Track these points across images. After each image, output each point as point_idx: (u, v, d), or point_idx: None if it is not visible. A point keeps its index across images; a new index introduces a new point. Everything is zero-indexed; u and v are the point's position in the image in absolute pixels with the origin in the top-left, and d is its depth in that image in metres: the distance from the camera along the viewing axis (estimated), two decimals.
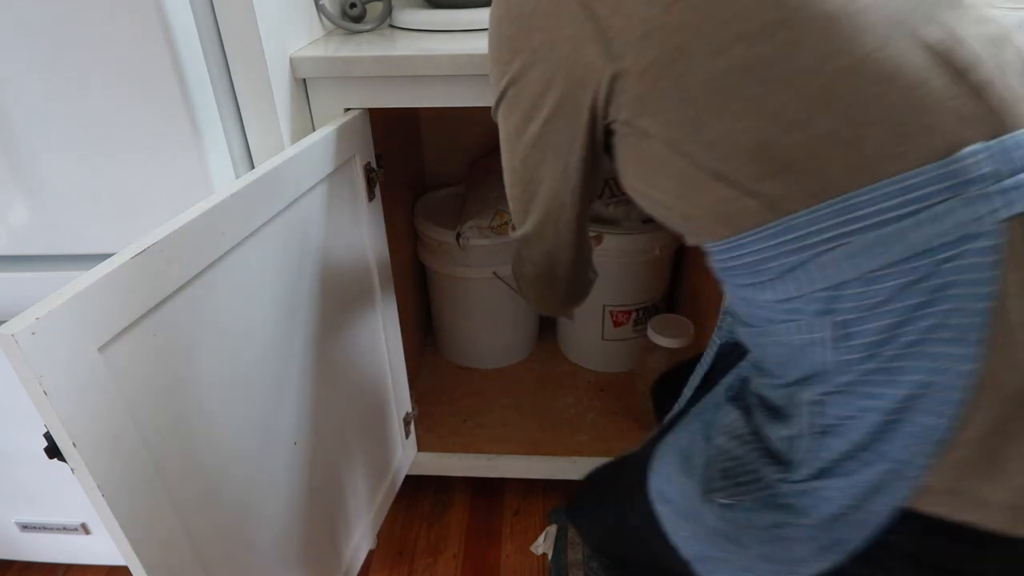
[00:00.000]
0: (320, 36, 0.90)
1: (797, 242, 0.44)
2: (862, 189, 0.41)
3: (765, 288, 0.48)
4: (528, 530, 1.20)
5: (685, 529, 0.56)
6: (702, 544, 0.55)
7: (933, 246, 0.40)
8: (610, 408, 1.30)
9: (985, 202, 0.40)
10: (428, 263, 1.32)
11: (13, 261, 0.80)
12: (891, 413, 0.43)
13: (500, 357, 1.42)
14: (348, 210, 0.84)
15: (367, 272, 0.92)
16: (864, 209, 0.41)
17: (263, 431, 0.70)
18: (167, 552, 0.56)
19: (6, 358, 0.41)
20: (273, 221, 0.66)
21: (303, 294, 0.75)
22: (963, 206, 0.40)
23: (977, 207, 0.40)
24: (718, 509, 0.52)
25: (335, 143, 0.77)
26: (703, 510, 0.53)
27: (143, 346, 0.51)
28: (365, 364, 0.95)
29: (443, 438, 1.23)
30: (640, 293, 1.31)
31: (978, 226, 0.40)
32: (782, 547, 0.49)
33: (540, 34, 0.49)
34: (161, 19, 0.64)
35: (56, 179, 0.74)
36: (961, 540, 0.43)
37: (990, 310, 0.40)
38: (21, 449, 0.92)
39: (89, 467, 0.46)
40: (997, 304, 0.40)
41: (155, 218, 0.76)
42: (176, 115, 0.69)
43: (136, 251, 0.49)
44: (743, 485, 0.51)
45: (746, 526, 0.51)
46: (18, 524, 1.03)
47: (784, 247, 0.45)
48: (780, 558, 0.50)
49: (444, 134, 1.46)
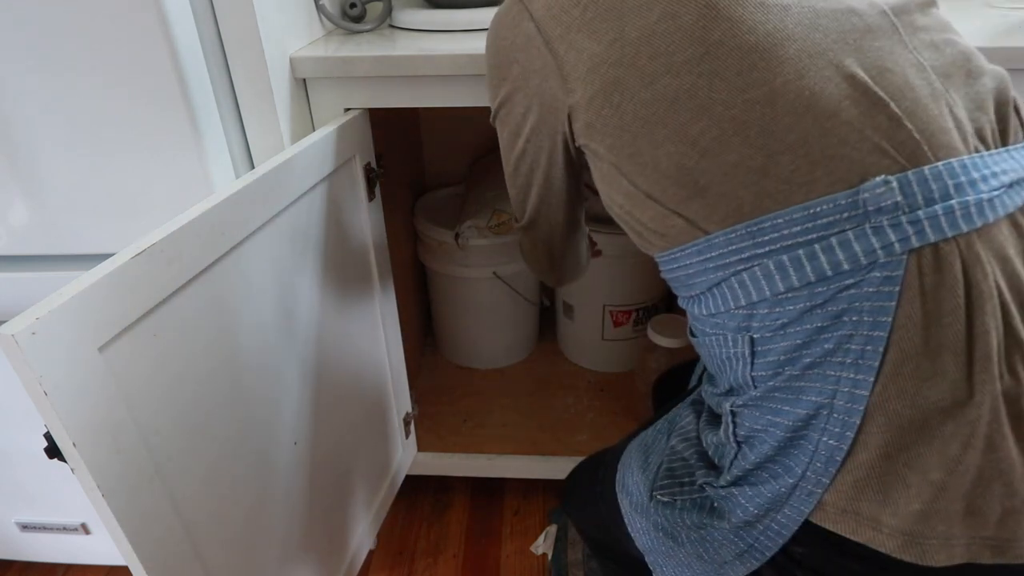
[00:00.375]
0: (320, 36, 0.90)
1: (717, 260, 0.46)
2: (772, 214, 0.43)
3: (696, 301, 0.51)
4: (528, 530, 1.20)
5: (639, 521, 0.59)
6: (650, 538, 0.58)
7: (836, 272, 0.41)
8: (610, 408, 1.30)
9: (889, 233, 0.41)
10: (428, 263, 1.32)
11: (13, 261, 0.80)
12: (792, 430, 0.45)
13: (500, 357, 1.42)
14: (348, 210, 0.84)
15: (367, 272, 0.92)
16: (773, 233, 0.43)
17: (263, 431, 0.70)
18: (167, 552, 0.56)
19: (6, 358, 0.41)
20: (273, 221, 0.66)
21: (303, 294, 0.75)
22: (867, 235, 0.41)
23: (881, 237, 0.41)
24: (658, 506, 0.56)
25: (335, 143, 0.77)
26: (648, 505, 0.57)
27: (143, 346, 0.51)
28: (365, 364, 0.95)
29: (443, 438, 1.23)
30: (640, 293, 1.31)
31: (879, 256, 0.41)
32: (710, 548, 0.52)
33: (518, 66, 0.54)
34: (161, 19, 0.64)
35: (56, 179, 0.74)
36: (863, 559, 0.44)
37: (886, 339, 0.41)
38: (21, 449, 0.92)
39: (89, 467, 0.46)
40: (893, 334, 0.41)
41: (155, 218, 0.76)
42: (176, 115, 0.69)
43: (136, 251, 0.49)
44: (682, 485, 0.55)
45: (680, 524, 0.54)
46: (18, 524, 1.03)
47: (707, 264, 0.47)
48: (710, 558, 0.52)
49: (444, 134, 1.46)
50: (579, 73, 0.49)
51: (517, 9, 0.53)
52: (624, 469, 0.63)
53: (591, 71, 0.48)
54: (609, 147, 0.50)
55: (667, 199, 0.48)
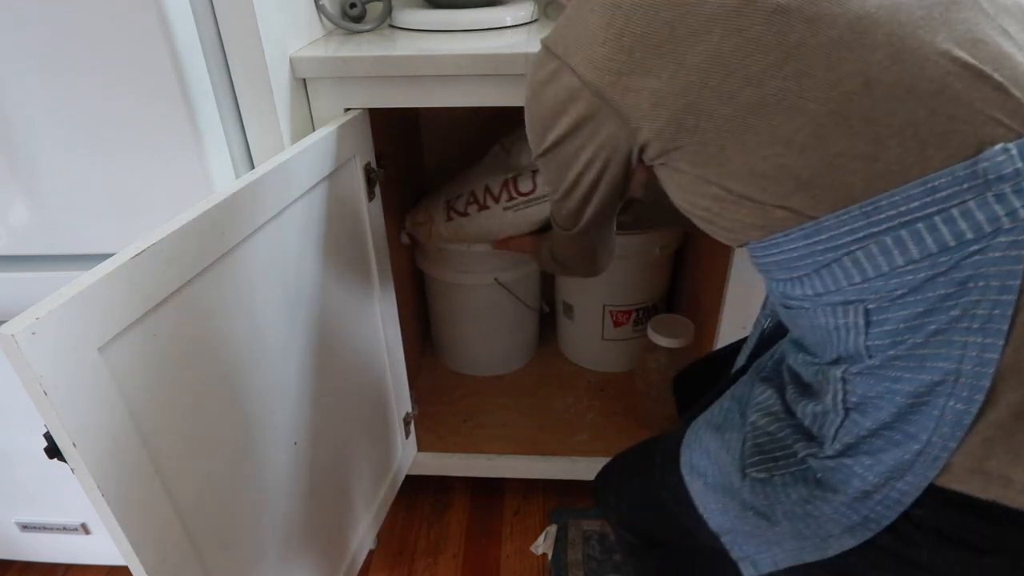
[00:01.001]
0: (320, 36, 0.90)
1: (827, 242, 0.46)
2: (887, 193, 0.43)
3: (800, 283, 0.50)
4: (528, 530, 1.20)
5: (715, 502, 0.58)
6: (731, 517, 0.57)
7: (959, 242, 0.42)
8: (610, 408, 1.30)
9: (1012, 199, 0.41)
10: (426, 269, 1.31)
11: (13, 261, 0.80)
12: (915, 396, 0.44)
13: (500, 364, 1.41)
14: (348, 209, 0.84)
15: (367, 271, 0.92)
16: (890, 211, 0.43)
17: (263, 431, 0.70)
18: (167, 552, 0.56)
19: (6, 358, 0.41)
20: (273, 221, 0.66)
21: (303, 293, 0.75)
22: (989, 203, 0.41)
23: (1004, 204, 0.41)
24: (752, 483, 0.54)
25: (335, 143, 0.77)
26: (738, 484, 0.55)
27: (143, 346, 0.51)
28: (365, 364, 0.95)
29: (443, 438, 1.23)
30: (640, 293, 1.31)
31: (1003, 222, 0.41)
32: (813, 523, 0.51)
33: (566, 116, 0.54)
34: (161, 19, 0.64)
35: (56, 179, 0.74)
36: (987, 517, 0.44)
37: (1015, 302, 0.41)
38: (21, 449, 0.92)
39: (89, 467, 0.46)
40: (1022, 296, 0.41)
41: (155, 218, 0.76)
42: (176, 115, 0.69)
43: (136, 251, 0.49)
44: (776, 460, 0.53)
45: (778, 501, 0.53)
46: (18, 524, 1.03)
47: (815, 247, 0.47)
48: (811, 534, 0.51)
49: (444, 134, 1.46)
50: (641, 112, 0.50)
51: (555, 65, 0.53)
52: (692, 451, 0.62)
53: (655, 106, 0.49)
54: (692, 163, 0.50)
55: (767, 197, 0.47)
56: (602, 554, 1.13)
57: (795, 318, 0.53)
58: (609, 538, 1.16)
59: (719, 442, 0.59)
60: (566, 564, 1.12)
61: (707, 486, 0.59)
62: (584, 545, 1.15)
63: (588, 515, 1.21)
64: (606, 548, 1.14)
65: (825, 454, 0.49)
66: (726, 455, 0.58)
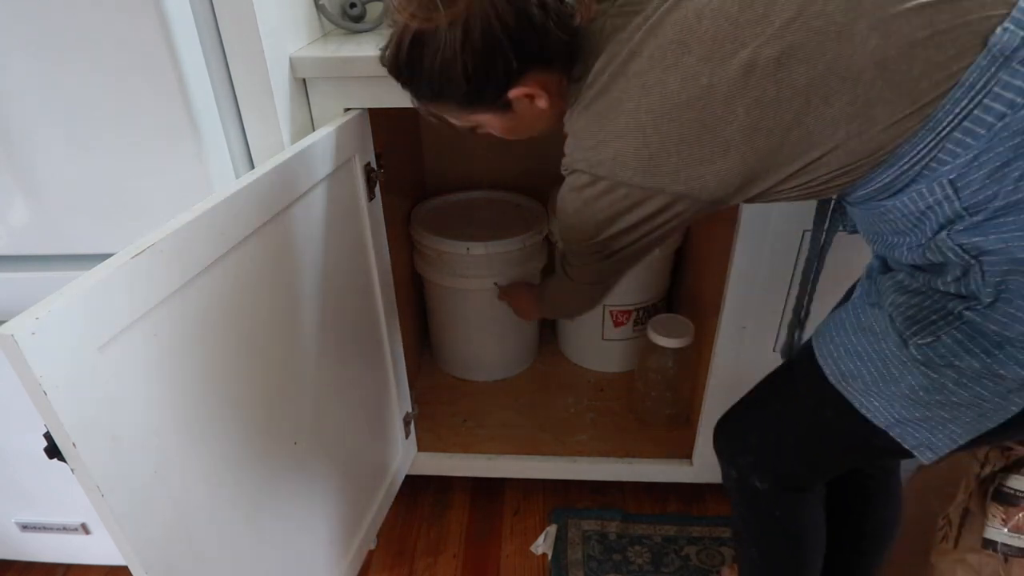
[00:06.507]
0: (320, 36, 0.90)
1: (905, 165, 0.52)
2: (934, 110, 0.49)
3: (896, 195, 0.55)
4: (528, 530, 1.20)
5: (878, 398, 0.60)
6: (897, 408, 0.59)
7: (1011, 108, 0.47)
8: (610, 408, 1.30)
9: None
10: (426, 274, 1.29)
11: (13, 261, 0.80)
12: None
13: (500, 369, 1.40)
14: (348, 209, 0.84)
15: (367, 271, 0.92)
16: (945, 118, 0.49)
17: (263, 431, 0.70)
18: (167, 552, 0.56)
19: (6, 358, 0.41)
20: (273, 221, 0.66)
21: (303, 293, 0.75)
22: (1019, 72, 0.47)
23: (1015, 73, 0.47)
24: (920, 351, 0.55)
25: (335, 143, 0.77)
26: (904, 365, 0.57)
27: (143, 346, 0.51)
28: (365, 364, 0.95)
29: (443, 438, 1.23)
30: (640, 293, 1.31)
31: None
32: (991, 381, 0.53)
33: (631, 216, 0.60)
34: (161, 20, 0.64)
35: (56, 179, 0.74)
36: None
37: None
38: (21, 449, 0.92)
39: (89, 467, 0.46)
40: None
41: (155, 218, 0.76)
42: (176, 115, 0.69)
43: (136, 251, 0.49)
44: (935, 323, 0.54)
45: (950, 366, 0.54)
46: (18, 524, 1.03)
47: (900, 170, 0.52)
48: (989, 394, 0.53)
49: (444, 134, 1.45)
50: (710, 189, 0.56)
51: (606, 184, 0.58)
52: (837, 361, 0.63)
53: (721, 181, 0.55)
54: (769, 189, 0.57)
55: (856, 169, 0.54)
56: (602, 554, 1.13)
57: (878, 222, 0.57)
58: (609, 538, 1.16)
59: (866, 337, 0.60)
60: (566, 564, 1.12)
61: (867, 386, 0.60)
62: (584, 545, 1.15)
63: (588, 515, 1.21)
64: (606, 548, 1.14)
65: (983, 304, 0.51)
66: (879, 343, 0.59)
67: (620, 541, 1.16)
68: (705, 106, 0.53)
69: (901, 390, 0.57)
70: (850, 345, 0.62)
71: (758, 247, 0.89)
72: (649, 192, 0.57)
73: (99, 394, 0.47)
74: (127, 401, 0.50)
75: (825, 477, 0.78)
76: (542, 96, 0.61)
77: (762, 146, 0.53)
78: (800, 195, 0.58)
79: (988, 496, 0.81)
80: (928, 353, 0.55)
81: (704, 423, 1.08)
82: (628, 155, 0.56)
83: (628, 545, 1.15)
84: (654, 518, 1.20)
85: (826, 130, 0.52)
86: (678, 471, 1.16)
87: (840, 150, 0.53)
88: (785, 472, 0.75)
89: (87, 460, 0.46)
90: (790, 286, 0.92)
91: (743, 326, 0.96)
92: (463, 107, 0.64)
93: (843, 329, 0.63)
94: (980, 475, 0.82)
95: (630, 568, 1.11)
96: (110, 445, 0.48)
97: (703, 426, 1.08)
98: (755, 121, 0.52)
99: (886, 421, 0.60)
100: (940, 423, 0.57)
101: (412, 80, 0.62)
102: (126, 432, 0.50)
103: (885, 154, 0.52)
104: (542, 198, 1.34)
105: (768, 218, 0.86)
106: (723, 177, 0.55)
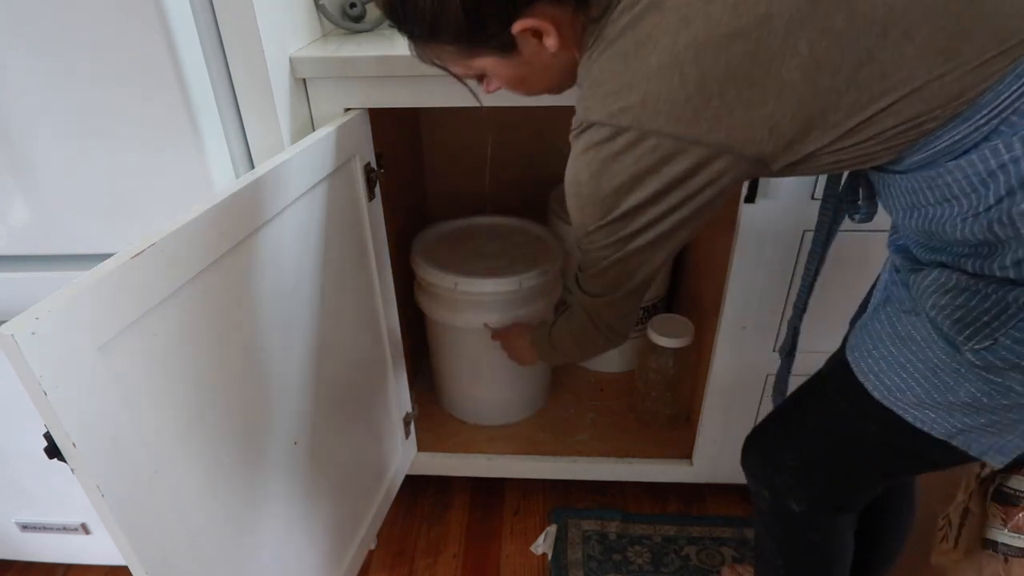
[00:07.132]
0: (320, 36, 0.90)
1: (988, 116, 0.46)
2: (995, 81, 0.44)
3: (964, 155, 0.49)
4: (528, 530, 1.20)
5: (934, 411, 0.56)
6: (958, 418, 0.55)
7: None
8: (610, 408, 1.30)
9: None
10: (427, 310, 1.17)
11: (13, 261, 0.80)
12: None
13: (509, 412, 1.27)
14: (348, 210, 0.84)
15: (367, 271, 0.92)
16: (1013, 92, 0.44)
17: (263, 431, 0.70)
18: (167, 552, 0.56)
19: (6, 358, 0.41)
20: (273, 221, 0.66)
21: (303, 293, 0.75)
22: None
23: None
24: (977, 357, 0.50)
25: (335, 143, 0.77)
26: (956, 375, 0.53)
27: (143, 346, 0.51)
28: (365, 363, 0.95)
29: (443, 438, 1.23)
30: None
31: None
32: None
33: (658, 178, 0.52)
34: (161, 20, 0.64)
35: (56, 179, 0.74)
36: None
37: None
38: (21, 449, 0.92)
39: (89, 467, 0.46)
40: None
41: (155, 218, 0.76)
42: (176, 115, 0.69)
43: (136, 251, 0.49)
44: (989, 324, 0.49)
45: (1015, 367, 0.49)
46: (18, 524, 1.03)
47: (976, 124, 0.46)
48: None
49: (444, 134, 1.46)
50: (757, 140, 0.49)
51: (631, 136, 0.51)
52: (877, 377, 0.59)
53: (773, 130, 0.48)
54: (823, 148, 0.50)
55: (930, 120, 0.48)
56: (602, 554, 1.13)
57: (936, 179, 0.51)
58: (609, 538, 1.16)
59: (907, 347, 0.56)
60: (566, 564, 1.12)
61: (919, 399, 0.56)
62: (584, 545, 1.15)
63: (588, 515, 1.21)
64: (606, 548, 1.14)
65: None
66: (924, 352, 0.54)
67: (620, 541, 1.16)
68: (760, 37, 0.45)
69: (960, 398, 0.53)
70: (891, 358, 0.57)
71: (758, 247, 0.89)
72: (683, 144, 0.50)
73: (99, 394, 0.47)
74: (127, 401, 0.50)
75: (868, 496, 0.73)
76: (551, 33, 0.54)
77: (826, 86, 0.46)
78: (855, 157, 0.51)
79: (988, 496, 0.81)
80: (987, 357, 0.50)
81: (704, 423, 1.08)
82: (660, 98, 0.48)
83: (628, 545, 1.15)
84: (654, 518, 1.20)
85: (903, 69, 0.45)
86: (678, 471, 1.16)
87: (916, 96, 0.46)
88: (825, 492, 0.71)
89: (87, 460, 0.46)
90: (790, 286, 0.92)
91: (743, 326, 0.97)
92: (463, 48, 0.56)
93: (880, 341, 0.59)
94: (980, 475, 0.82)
95: (630, 568, 1.11)
96: (110, 445, 0.48)
97: (703, 426, 1.08)
98: (819, 56, 0.45)
99: (947, 432, 0.56)
100: (1009, 425, 0.53)
101: (407, 17, 0.55)
102: (126, 432, 0.50)
103: (965, 102, 0.46)
104: None
105: (768, 219, 0.86)
106: (775, 125, 0.48)
